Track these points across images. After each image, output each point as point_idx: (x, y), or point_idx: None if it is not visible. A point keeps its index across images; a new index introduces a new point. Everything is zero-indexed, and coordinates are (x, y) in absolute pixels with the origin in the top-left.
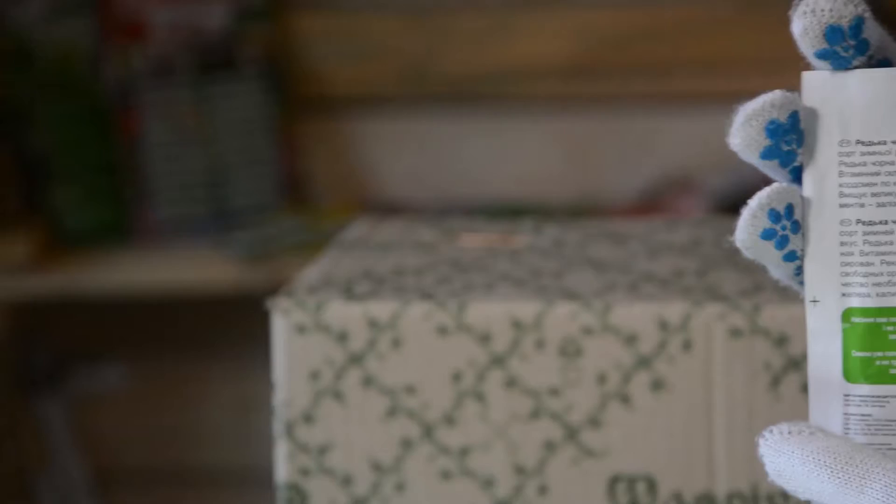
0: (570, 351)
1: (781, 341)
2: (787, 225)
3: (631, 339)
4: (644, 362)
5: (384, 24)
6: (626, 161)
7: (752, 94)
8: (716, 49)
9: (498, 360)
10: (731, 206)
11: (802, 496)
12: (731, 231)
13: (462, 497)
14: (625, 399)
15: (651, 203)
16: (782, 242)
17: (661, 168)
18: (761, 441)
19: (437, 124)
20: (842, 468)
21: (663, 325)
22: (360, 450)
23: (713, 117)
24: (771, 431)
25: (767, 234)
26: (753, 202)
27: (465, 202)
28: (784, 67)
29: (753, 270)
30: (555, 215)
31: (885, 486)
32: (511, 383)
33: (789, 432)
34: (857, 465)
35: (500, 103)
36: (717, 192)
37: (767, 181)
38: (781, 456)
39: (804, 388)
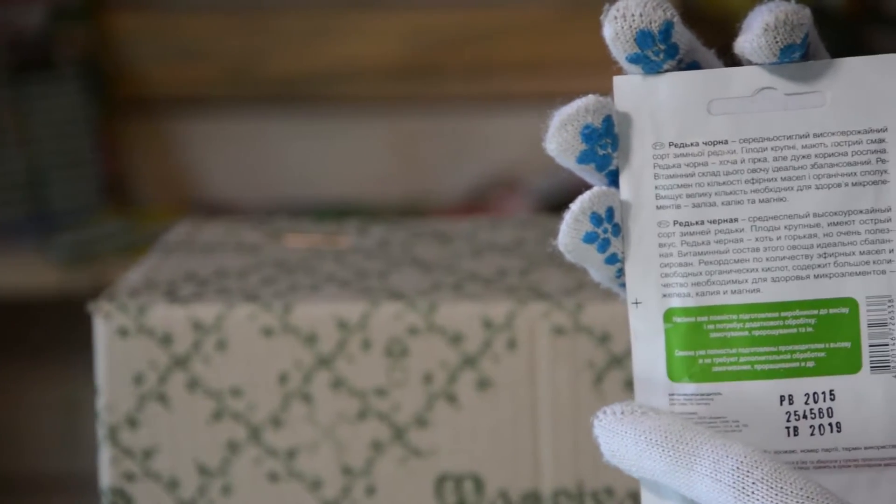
0: (395, 351)
1: (604, 339)
2: (609, 228)
3: (456, 339)
4: (469, 361)
5: (207, 23)
6: (453, 161)
7: (575, 96)
8: (539, 50)
9: (324, 361)
10: (555, 205)
11: (636, 474)
12: (554, 232)
13: (289, 499)
14: (451, 398)
15: (477, 203)
16: (604, 245)
17: (487, 168)
18: (595, 422)
19: (263, 125)
20: (672, 446)
21: (488, 324)
22: (186, 453)
23: (537, 118)
24: (605, 412)
25: (589, 238)
26: (575, 206)
27: (292, 203)
28: (606, 69)
29: (576, 269)
30: (382, 215)
31: (714, 461)
32: (337, 384)
33: (622, 412)
34: (686, 443)
35: (326, 104)
36: (542, 192)
37: (589, 184)
38: (615, 436)
39: (627, 385)
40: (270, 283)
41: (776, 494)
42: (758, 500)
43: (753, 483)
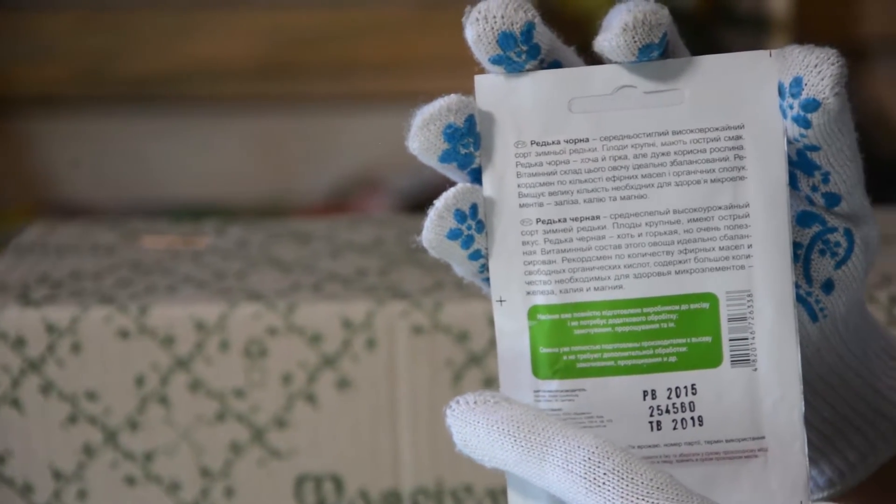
0: (254, 352)
1: (462, 338)
2: (473, 225)
3: (315, 339)
4: (329, 361)
5: (62, 22)
6: (314, 161)
7: (437, 95)
8: (400, 49)
9: (182, 363)
10: (417, 204)
11: (488, 465)
12: (417, 230)
13: (147, 502)
14: (310, 398)
15: (339, 202)
16: (468, 242)
17: (348, 168)
18: (448, 411)
19: (120, 125)
20: (524, 436)
21: (347, 324)
22: (41, 458)
23: (399, 117)
24: (457, 401)
25: (453, 234)
26: (440, 203)
27: (149, 204)
28: (468, 67)
29: (435, 268)
30: (240, 216)
31: (565, 452)
32: (195, 386)
33: (475, 402)
34: (538, 433)
35: (184, 103)
36: (403, 192)
37: (453, 181)
38: (467, 426)
39: (486, 383)
40: (126, 284)
41: (626, 485)
42: (608, 490)
43: (604, 474)
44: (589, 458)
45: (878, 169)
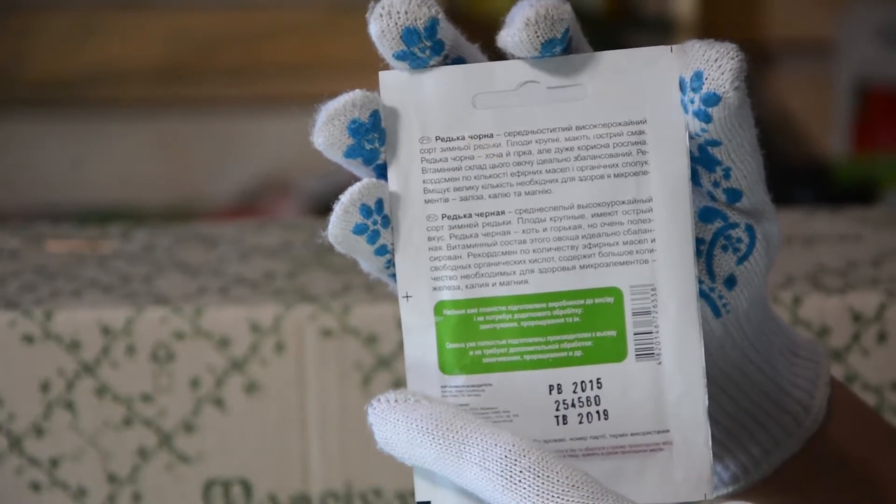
0: (161, 356)
1: (371, 340)
2: (378, 220)
3: (223, 343)
4: (237, 365)
5: None
6: (222, 164)
7: (342, 93)
8: (307, 52)
9: (87, 368)
10: (326, 207)
11: (408, 462)
12: (324, 228)
13: None
14: (218, 403)
15: (247, 206)
16: (374, 237)
17: (256, 171)
18: (369, 409)
19: (23, 128)
20: (442, 434)
21: (255, 328)
22: None
23: (307, 120)
24: (378, 400)
25: (359, 229)
26: (345, 197)
27: (54, 208)
28: (376, 69)
29: (343, 271)
30: (148, 220)
31: (482, 450)
32: (102, 391)
33: (395, 400)
34: (456, 431)
35: (88, 106)
36: (312, 194)
37: (358, 177)
38: (387, 424)
39: (395, 386)
40: (31, 289)
41: (542, 483)
42: (524, 488)
43: (521, 472)
44: (505, 457)
45: (782, 171)
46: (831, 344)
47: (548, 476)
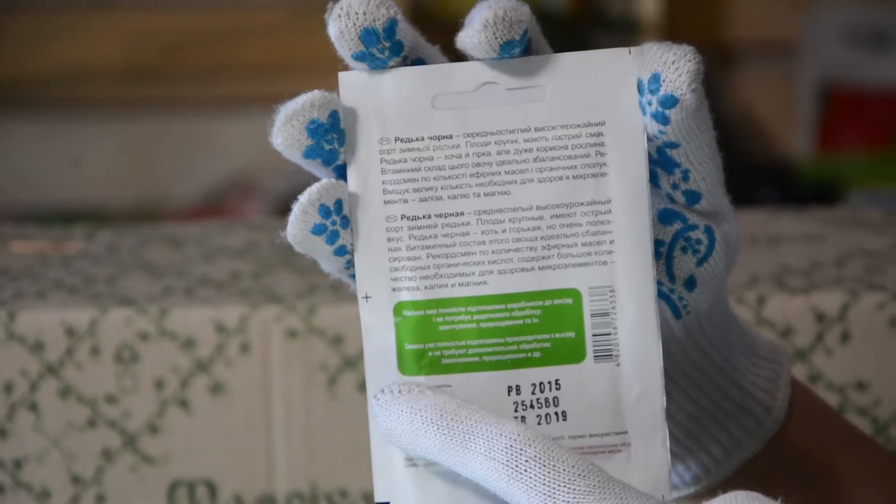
0: (126, 357)
1: (337, 341)
2: (337, 220)
3: (188, 344)
4: (202, 366)
5: None
6: (187, 165)
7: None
8: (273, 52)
9: (51, 369)
10: (291, 208)
11: (413, 453)
12: (283, 228)
13: None
14: (183, 404)
15: (213, 207)
16: (333, 237)
17: (222, 171)
18: (374, 401)
19: None
20: (447, 424)
21: (220, 329)
22: None
23: (271, 120)
24: (382, 391)
25: (318, 230)
26: (303, 198)
27: (19, 209)
28: (337, 69)
29: (309, 272)
30: (112, 221)
31: (488, 440)
32: (66, 392)
33: (399, 391)
34: (461, 421)
35: (53, 107)
36: (278, 195)
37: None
38: (391, 415)
39: (361, 387)
40: None
41: (548, 472)
42: (531, 477)
43: (526, 461)
44: (511, 446)
45: (746, 171)
46: (795, 344)
47: (553, 465)
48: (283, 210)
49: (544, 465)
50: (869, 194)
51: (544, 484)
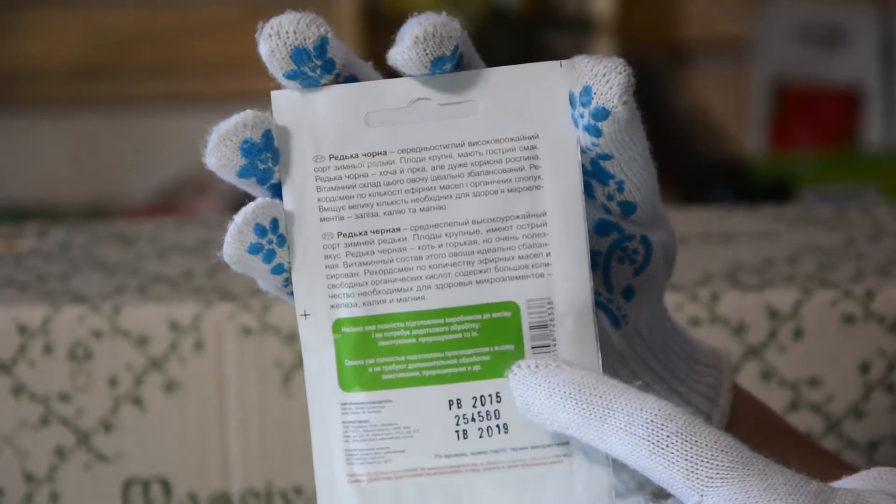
0: (79, 355)
1: (291, 338)
2: (274, 239)
3: (142, 341)
4: (156, 364)
5: None
6: (140, 162)
7: (265, 95)
8: (227, 49)
9: (4, 367)
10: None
11: (550, 428)
12: (219, 248)
13: None
14: (137, 402)
15: (167, 204)
16: (269, 256)
17: (176, 169)
18: (510, 375)
19: None
20: (586, 399)
21: (174, 326)
22: None
23: (225, 117)
24: (519, 365)
25: (254, 249)
26: (238, 217)
27: None
28: None
29: None
30: (64, 218)
31: (627, 415)
32: (18, 390)
33: (536, 366)
34: (600, 396)
35: (3, 104)
36: (233, 193)
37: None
38: (528, 389)
39: None
40: None
41: (690, 447)
42: (672, 452)
43: (668, 436)
44: (652, 421)
45: (699, 169)
46: (748, 340)
47: (695, 440)
48: (237, 208)
49: (686, 441)
50: (821, 192)
51: (686, 459)
